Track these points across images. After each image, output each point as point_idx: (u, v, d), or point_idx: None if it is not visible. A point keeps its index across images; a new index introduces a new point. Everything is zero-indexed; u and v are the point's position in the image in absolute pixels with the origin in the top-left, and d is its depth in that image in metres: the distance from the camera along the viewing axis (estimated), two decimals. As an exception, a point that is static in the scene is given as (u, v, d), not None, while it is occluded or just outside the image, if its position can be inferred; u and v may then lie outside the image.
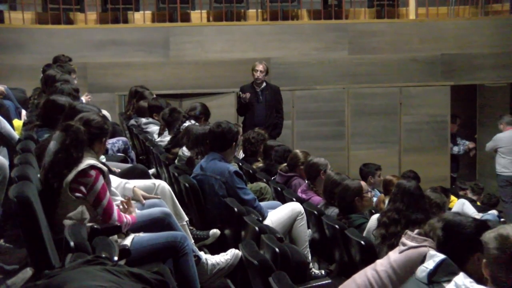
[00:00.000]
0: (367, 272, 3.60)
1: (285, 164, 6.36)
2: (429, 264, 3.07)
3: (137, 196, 4.53)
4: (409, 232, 3.69)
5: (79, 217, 3.70)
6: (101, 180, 3.76)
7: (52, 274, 2.23)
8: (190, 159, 5.62)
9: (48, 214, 3.67)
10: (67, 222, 3.64)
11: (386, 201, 5.98)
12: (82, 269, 2.24)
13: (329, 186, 5.46)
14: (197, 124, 6.36)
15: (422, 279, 3.04)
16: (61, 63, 8.28)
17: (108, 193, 3.81)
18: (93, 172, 3.74)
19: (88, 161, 3.78)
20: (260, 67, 8.82)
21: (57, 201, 3.70)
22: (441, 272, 3.01)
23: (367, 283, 3.52)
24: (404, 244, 3.65)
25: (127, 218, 3.89)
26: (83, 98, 7.35)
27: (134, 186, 4.60)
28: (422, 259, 3.21)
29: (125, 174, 5.24)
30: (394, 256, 3.63)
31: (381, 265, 3.60)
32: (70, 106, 4.87)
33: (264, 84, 8.87)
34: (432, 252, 3.21)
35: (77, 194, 3.72)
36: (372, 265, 3.65)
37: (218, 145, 5.18)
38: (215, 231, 4.83)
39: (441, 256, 3.09)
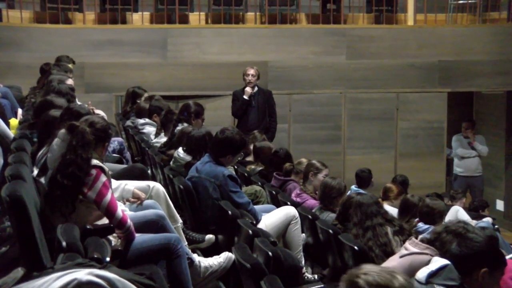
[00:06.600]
0: None
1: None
2: (432, 266, 3.07)
3: (137, 195, 4.55)
4: (413, 238, 3.72)
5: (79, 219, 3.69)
6: (102, 178, 3.73)
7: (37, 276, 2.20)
8: (189, 163, 5.56)
9: (43, 214, 3.66)
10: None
11: (385, 206, 5.99)
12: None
13: (326, 190, 5.45)
14: (190, 126, 6.28)
15: (420, 279, 3.03)
16: (59, 62, 8.26)
17: (110, 190, 3.78)
18: (93, 171, 3.72)
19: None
20: (251, 71, 8.74)
21: (75, 204, 3.69)
22: (441, 276, 3.00)
23: None
24: (406, 249, 3.67)
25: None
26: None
27: (134, 188, 4.59)
28: (425, 264, 3.22)
29: (124, 174, 5.23)
30: (394, 262, 3.64)
31: None
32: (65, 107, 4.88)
33: (256, 88, 8.83)
34: (437, 258, 3.21)
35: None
36: None
37: (218, 150, 5.14)
38: (210, 237, 4.82)
39: (446, 262, 3.09)
